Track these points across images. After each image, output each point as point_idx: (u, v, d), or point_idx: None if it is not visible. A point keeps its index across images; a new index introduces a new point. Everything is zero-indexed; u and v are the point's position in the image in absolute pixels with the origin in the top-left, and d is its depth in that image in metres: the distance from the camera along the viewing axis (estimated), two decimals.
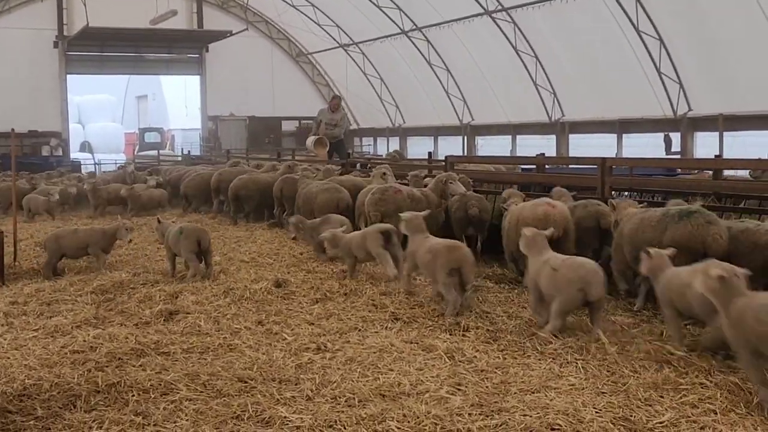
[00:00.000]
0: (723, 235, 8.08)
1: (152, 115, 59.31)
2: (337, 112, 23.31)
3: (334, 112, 23.25)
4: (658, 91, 26.74)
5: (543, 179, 14.43)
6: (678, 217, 8.31)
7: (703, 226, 8.10)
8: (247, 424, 5.73)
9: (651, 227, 8.50)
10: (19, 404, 6.17)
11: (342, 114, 23.59)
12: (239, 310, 9.10)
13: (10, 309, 9.44)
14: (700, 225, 8.11)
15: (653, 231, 8.43)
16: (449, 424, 5.56)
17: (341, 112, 23.59)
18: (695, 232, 8.07)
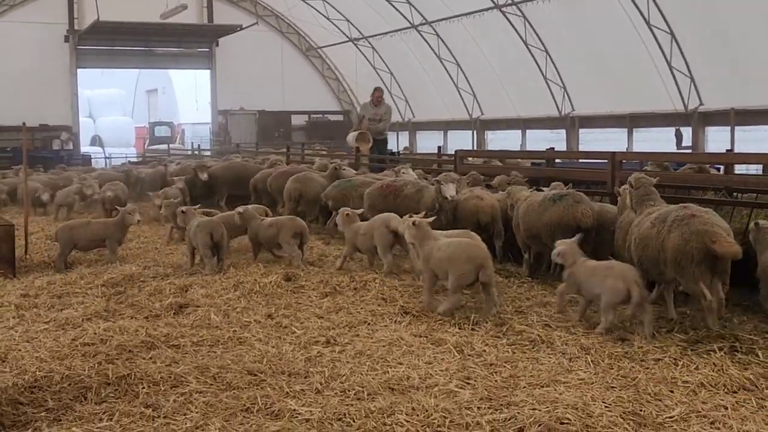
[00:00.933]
0: (589, 212, 9.56)
1: (162, 109, 59.42)
2: (380, 105, 21.58)
3: (378, 105, 21.52)
4: (669, 85, 26.65)
5: (553, 173, 14.39)
6: (552, 201, 9.77)
7: (572, 205, 9.55)
8: (256, 416, 5.74)
9: (535, 210, 9.93)
10: (31, 396, 6.20)
11: (386, 108, 21.86)
12: (249, 303, 9.12)
13: (22, 302, 9.48)
14: (570, 205, 9.56)
15: (537, 213, 9.88)
16: (458, 418, 5.57)
17: (385, 106, 21.86)
18: (566, 212, 9.52)
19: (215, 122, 44.89)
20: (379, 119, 21.32)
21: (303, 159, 24.35)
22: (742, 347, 7.03)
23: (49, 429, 5.49)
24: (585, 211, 9.53)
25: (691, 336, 7.41)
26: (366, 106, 21.87)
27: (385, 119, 21.55)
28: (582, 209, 9.54)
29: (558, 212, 9.57)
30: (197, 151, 33.72)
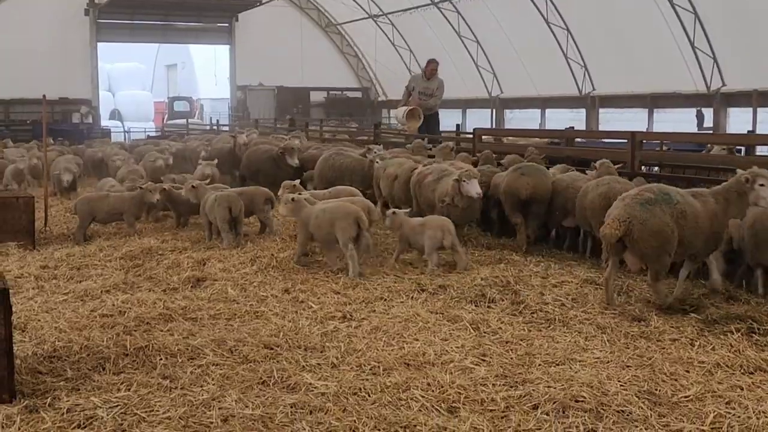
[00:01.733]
0: (530, 184, 10.39)
1: (181, 84, 59.52)
2: (433, 79, 19.29)
3: (430, 79, 19.26)
4: (692, 65, 26.41)
5: (572, 153, 14.32)
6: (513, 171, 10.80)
7: (518, 178, 10.49)
8: (272, 389, 5.78)
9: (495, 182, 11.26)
10: (50, 365, 6.27)
11: (439, 82, 19.37)
12: (266, 278, 9.15)
13: (41, 273, 9.57)
14: (517, 177, 10.52)
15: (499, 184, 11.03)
16: (473, 394, 5.58)
17: (438, 80, 19.38)
18: (513, 183, 10.52)
19: (234, 98, 44.91)
20: (431, 94, 19.25)
21: (321, 135, 24.28)
22: (760, 329, 6.99)
23: (67, 398, 5.54)
24: (526, 183, 10.38)
25: (708, 317, 7.38)
26: (416, 79, 19.75)
27: (438, 95, 19.38)
28: (525, 182, 10.40)
29: (509, 182, 10.62)
30: (216, 126, 33.73)
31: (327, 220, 9.29)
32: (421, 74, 19.76)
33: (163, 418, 5.21)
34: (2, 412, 5.24)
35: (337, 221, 9.21)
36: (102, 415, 5.24)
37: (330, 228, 9.26)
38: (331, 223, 9.25)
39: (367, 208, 10.14)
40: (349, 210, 9.39)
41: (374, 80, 46.05)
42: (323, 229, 9.34)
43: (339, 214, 9.30)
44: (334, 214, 9.32)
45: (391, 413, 5.26)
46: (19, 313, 7.43)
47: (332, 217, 9.27)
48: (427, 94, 19.16)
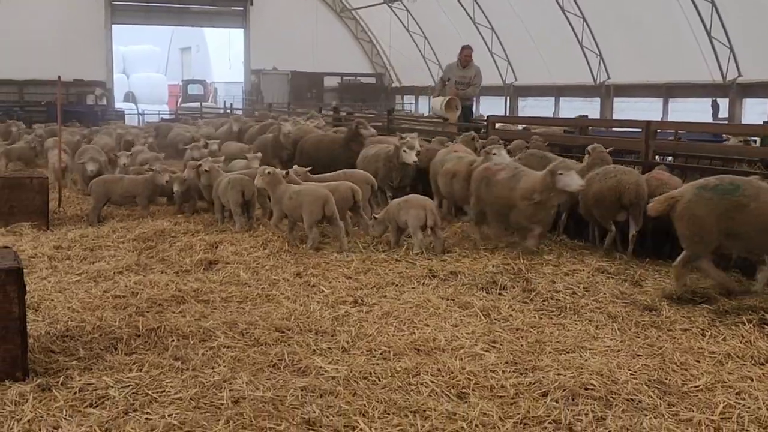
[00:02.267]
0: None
1: (196, 67, 59.47)
2: (469, 67, 18.11)
3: (465, 67, 18.08)
4: (708, 55, 26.22)
5: (585, 142, 14.25)
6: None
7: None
8: (283, 372, 5.81)
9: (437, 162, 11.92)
10: (62, 345, 6.32)
11: (476, 69, 18.19)
12: (278, 261, 9.18)
13: (55, 253, 9.63)
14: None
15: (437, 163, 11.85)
16: (483, 380, 5.60)
17: (474, 67, 18.20)
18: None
19: (248, 82, 44.91)
20: (468, 83, 18.03)
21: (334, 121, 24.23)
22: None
23: (80, 377, 5.59)
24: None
25: (719, 307, 7.36)
26: (451, 68, 18.51)
27: (475, 83, 18.12)
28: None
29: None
30: (229, 109, 33.74)
31: (296, 201, 9.77)
32: (455, 63, 18.44)
33: (175, 399, 5.25)
34: (15, 390, 5.29)
35: (305, 204, 9.68)
36: (114, 395, 5.29)
37: (299, 209, 9.76)
38: (299, 204, 9.71)
39: (351, 190, 10.35)
40: (318, 194, 9.72)
41: (388, 66, 45.96)
42: (294, 210, 9.85)
43: (307, 197, 9.72)
44: (302, 196, 9.75)
45: (401, 398, 5.28)
46: (32, 292, 7.47)
47: (300, 200, 9.73)
48: (463, 83, 18.02)
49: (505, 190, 9.63)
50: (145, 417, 4.95)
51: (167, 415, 4.94)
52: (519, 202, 9.40)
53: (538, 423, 4.94)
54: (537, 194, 9.19)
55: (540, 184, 9.20)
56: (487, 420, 4.93)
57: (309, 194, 9.78)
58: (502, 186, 9.69)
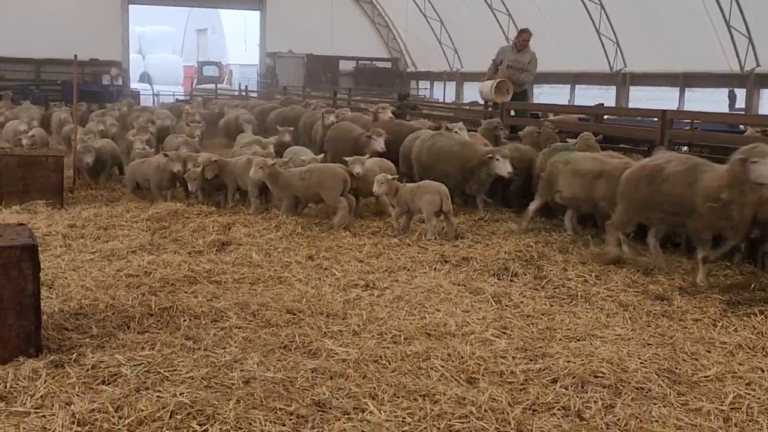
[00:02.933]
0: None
1: (211, 48, 59.59)
2: (524, 51, 17.05)
3: (521, 51, 17.04)
4: (726, 44, 26.04)
5: (600, 130, 14.20)
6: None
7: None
8: (294, 354, 5.84)
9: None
10: (76, 322, 6.37)
11: (531, 55, 17.10)
12: (290, 244, 9.20)
13: (69, 232, 9.67)
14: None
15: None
16: (493, 366, 5.61)
17: (530, 53, 17.13)
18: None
19: (263, 64, 44.91)
20: (522, 68, 16.94)
21: (350, 105, 24.23)
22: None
23: (92, 355, 5.63)
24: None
25: (731, 298, 7.35)
26: (505, 51, 17.37)
27: (530, 69, 17.04)
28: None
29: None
30: (244, 92, 33.77)
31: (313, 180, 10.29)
32: (510, 46, 17.49)
33: (186, 378, 5.28)
34: (29, 366, 5.33)
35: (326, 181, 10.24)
36: (126, 373, 5.32)
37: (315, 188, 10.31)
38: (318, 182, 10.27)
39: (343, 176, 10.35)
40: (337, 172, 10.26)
41: (404, 51, 45.84)
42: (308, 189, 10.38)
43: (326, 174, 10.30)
44: (320, 174, 10.32)
45: (410, 381, 5.30)
46: (46, 270, 7.52)
47: (319, 178, 10.27)
48: (517, 68, 16.93)
49: (679, 187, 7.93)
50: (156, 395, 4.98)
51: (178, 394, 4.97)
52: (701, 202, 7.70)
53: (547, 409, 4.95)
54: (726, 192, 7.51)
55: (727, 178, 7.56)
56: (496, 405, 4.94)
57: (328, 171, 10.16)
58: (676, 183, 7.99)
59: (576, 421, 4.79)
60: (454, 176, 10.95)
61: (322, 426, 4.64)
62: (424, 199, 9.59)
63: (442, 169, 11.20)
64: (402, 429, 4.62)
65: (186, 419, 4.68)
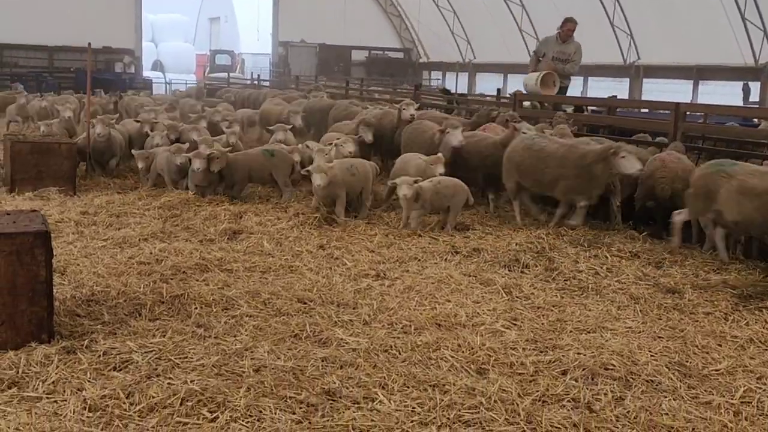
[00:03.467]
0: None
1: (224, 37, 59.55)
2: (569, 42, 16.10)
3: (566, 42, 16.09)
4: (740, 37, 25.89)
5: (613, 122, 14.18)
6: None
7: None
8: (304, 342, 5.85)
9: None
10: (88, 309, 6.40)
11: (576, 46, 16.15)
12: (301, 233, 9.21)
13: (81, 218, 9.71)
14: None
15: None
16: (503, 357, 5.61)
17: (575, 43, 16.17)
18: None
19: (275, 53, 44.90)
20: (567, 59, 16.10)
21: (362, 95, 24.22)
22: None
23: (104, 341, 5.66)
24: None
25: (743, 292, 7.32)
26: (548, 42, 16.51)
27: (575, 60, 16.16)
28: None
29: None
30: (257, 81, 33.77)
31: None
32: (554, 36, 16.38)
33: (197, 365, 5.31)
34: (41, 352, 5.37)
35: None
36: (137, 359, 5.35)
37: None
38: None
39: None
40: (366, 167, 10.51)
41: (416, 41, 45.76)
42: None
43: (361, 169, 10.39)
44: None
45: (420, 372, 5.31)
46: (59, 256, 7.55)
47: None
48: (561, 59, 16.07)
49: None
50: (167, 382, 5.01)
51: (189, 381, 4.99)
52: None
53: (557, 401, 4.95)
54: None
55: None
56: (506, 396, 4.94)
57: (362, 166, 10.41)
58: None
59: (586, 413, 4.78)
60: (567, 180, 9.65)
61: (332, 415, 4.66)
62: (456, 200, 9.57)
63: (551, 173, 9.75)
64: (411, 419, 4.63)
65: (196, 406, 4.71)
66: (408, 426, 4.52)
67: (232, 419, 4.57)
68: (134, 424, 4.50)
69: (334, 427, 4.49)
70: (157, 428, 4.45)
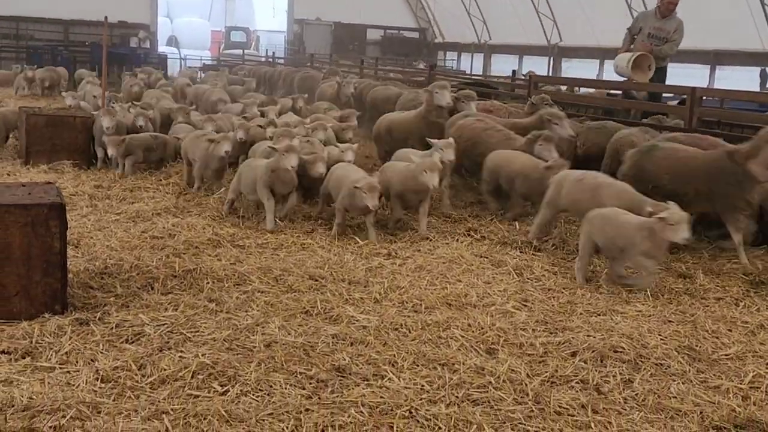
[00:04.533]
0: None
1: (239, 14, 59.41)
2: (670, 18, 13.93)
3: (666, 18, 13.95)
4: (759, 22, 25.63)
5: (629, 106, 14.10)
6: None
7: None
8: (315, 319, 5.89)
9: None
10: (101, 281, 6.45)
11: (677, 22, 14.03)
12: (314, 211, 9.22)
13: (95, 192, 9.77)
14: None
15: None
16: (512, 338, 5.63)
17: (676, 19, 14.04)
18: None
19: (290, 31, 44.78)
20: (665, 38, 13.93)
21: (376, 74, 24.15)
22: None
23: (117, 314, 5.71)
24: None
25: (755, 278, 7.30)
26: (646, 17, 14.53)
27: (674, 39, 14.03)
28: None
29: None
30: (271, 58, 33.72)
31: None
32: (652, 11, 14.43)
33: (208, 339, 5.35)
34: (54, 323, 5.42)
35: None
36: (149, 332, 5.40)
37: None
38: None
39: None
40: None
41: (432, 21, 45.51)
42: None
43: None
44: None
45: (430, 350, 5.33)
46: (72, 229, 7.59)
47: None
48: (659, 37, 13.93)
49: None
50: (179, 355, 5.05)
51: (200, 355, 5.04)
52: None
53: (566, 382, 4.97)
54: None
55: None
56: (515, 376, 4.96)
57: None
58: None
59: (594, 395, 4.80)
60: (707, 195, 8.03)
61: (341, 391, 4.69)
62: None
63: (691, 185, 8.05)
64: (421, 396, 4.65)
65: (207, 379, 4.75)
66: (417, 403, 4.55)
67: (243, 393, 4.61)
68: (146, 396, 4.54)
69: (344, 403, 4.52)
70: (168, 400, 4.49)
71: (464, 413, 4.47)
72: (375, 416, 4.40)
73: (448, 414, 4.45)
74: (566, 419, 4.50)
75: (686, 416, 4.60)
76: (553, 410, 4.59)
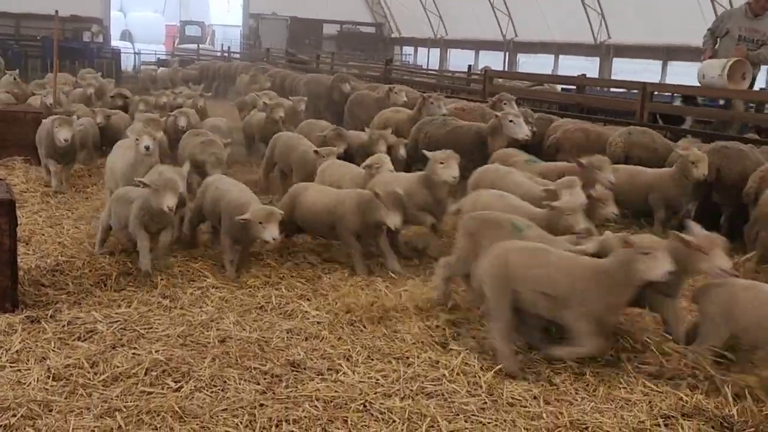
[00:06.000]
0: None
1: (194, 8, 58.82)
2: (763, 17, 11.88)
3: (758, 17, 11.92)
4: (709, 18, 26.03)
5: (582, 101, 14.27)
6: None
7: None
8: (270, 314, 5.89)
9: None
10: (52, 279, 6.38)
11: None
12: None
13: (46, 189, 9.64)
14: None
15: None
16: (465, 332, 5.67)
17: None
18: None
19: (246, 25, 44.49)
20: (762, 40, 11.92)
21: (332, 69, 24.11)
22: None
23: (69, 311, 5.66)
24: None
25: None
26: (734, 16, 12.42)
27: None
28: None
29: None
30: (227, 53, 33.48)
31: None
32: (741, 9, 12.40)
33: (162, 335, 5.33)
34: (5, 321, 5.37)
35: None
36: (102, 329, 5.37)
37: None
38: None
39: None
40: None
41: (389, 16, 45.52)
42: None
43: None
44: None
45: (385, 345, 5.37)
46: (23, 226, 7.51)
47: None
48: (753, 40, 11.94)
49: None
50: (132, 352, 5.03)
51: (154, 351, 5.02)
52: None
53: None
54: None
55: None
56: (468, 369, 5.01)
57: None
58: None
59: (546, 386, 4.87)
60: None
61: (296, 386, 4.70)
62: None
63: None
64: (375, 390, 4.68)
65: (161, 376, 4.74)
66: (371, 397, 4.58)
67: (197, 389, 4.61)
68: (98, 393, 4.52)
69: (298, 398, 4.54)
70: (121, 397, 4.47)
71: (418, 406, 4.51)
72: (329, 410, 4.42)
73: (403, 407, 4.48)
74: (518, 410, 4.57)
75: (635, 406, 4.68)
76: (506, 401, 4.65)
